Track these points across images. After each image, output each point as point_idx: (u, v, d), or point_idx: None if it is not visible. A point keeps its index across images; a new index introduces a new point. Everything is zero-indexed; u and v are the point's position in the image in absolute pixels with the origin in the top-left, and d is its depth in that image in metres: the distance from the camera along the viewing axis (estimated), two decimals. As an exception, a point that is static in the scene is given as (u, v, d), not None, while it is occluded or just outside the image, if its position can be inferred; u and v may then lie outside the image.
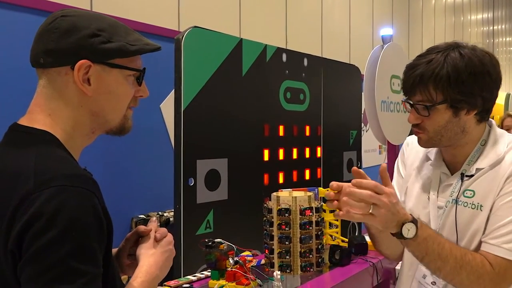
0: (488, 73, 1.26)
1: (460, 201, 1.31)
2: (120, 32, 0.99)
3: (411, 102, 1.31)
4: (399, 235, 1.20)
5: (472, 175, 1.32)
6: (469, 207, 1.29)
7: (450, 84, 1.23)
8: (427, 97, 1.27)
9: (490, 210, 1.27)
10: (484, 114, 1.32)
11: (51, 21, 0.97)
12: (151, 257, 1.04)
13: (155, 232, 1.10)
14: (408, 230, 1.18)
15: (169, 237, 1.11)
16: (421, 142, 1.36)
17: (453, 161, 1.39)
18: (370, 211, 1.16)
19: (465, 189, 1.31)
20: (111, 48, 0.97)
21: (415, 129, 1.35)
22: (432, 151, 1.45)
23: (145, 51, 1.02)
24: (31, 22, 2.28)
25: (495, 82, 1.29)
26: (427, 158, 1.47)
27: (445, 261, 1.21)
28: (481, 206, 1.28)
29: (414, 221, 1.20)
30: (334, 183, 1.20)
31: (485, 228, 1.28)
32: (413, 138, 1.47)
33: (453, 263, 1.21)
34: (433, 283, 1.38)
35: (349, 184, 1.18)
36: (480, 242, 1.28)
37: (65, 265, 0.81)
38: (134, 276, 1.01)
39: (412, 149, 1.53)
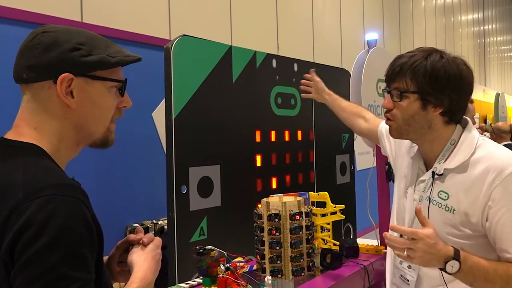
0: (461, 78, 1.38)
1: (434, 200, 1.39)
2: (100, 45, 1.02)
3: (389, 89, 1.45)
4: (444, 270, 1.27)
5: (441, 174, 1.37)
6: (442, 209, 1.36)
7: (425, 77, 1.37)
8: (402, 85, 1.41)
9: (467, 215, 1.34)
10: (451, 115, 1.42)
11: (32, 37, 0.99)
12: (144, 262, 1.07)
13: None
14: (452, 267, 1.26)
15: (157, 240, 1.14)
16: (391, 131, 1.49)
17: (427, 157, 1.48)
18: (405, 253, 1.26)
19: (440, 190, 1.37)
20: (92, 61, 0.99)
21: (387, 115, 1.47)
22: (415, 145, 1.54)
23: (125, 63, 1.04)
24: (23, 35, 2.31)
25: (466, 89, 1.41)
26: (410, 151, 1.57)
27: (493, 282, 1.29)
28: (453, 210, 1.33)
29: (456, 254, 1.26)
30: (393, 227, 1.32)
31: (458, 229, 1.34)
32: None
33: (500, 281, 1.29)
34: (409, 266, 1.48)
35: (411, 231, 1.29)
36: (454, 242, 1.33)
37: (56, 272, 0.83)
38: (130, 281, 1.03)
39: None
